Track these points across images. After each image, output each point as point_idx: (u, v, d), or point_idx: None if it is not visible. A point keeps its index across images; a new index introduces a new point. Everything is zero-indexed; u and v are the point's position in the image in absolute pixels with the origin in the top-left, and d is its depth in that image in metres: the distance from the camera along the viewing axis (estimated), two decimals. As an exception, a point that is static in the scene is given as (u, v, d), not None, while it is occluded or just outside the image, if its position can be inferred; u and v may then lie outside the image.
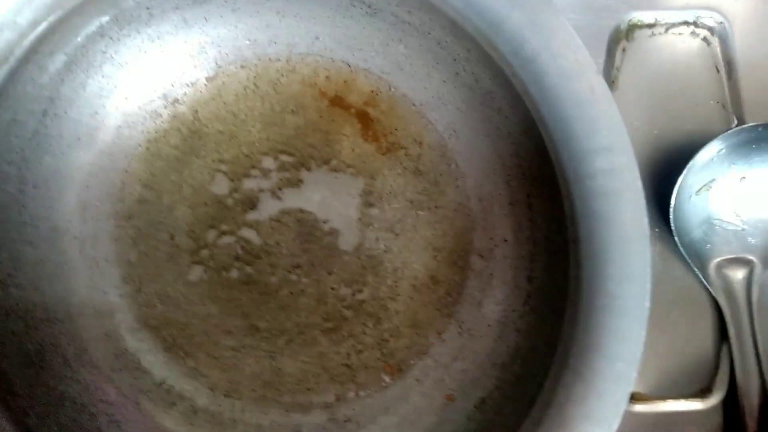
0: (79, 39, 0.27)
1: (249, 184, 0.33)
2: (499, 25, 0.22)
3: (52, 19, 0.24)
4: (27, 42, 0.24)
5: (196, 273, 0.33)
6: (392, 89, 0.31)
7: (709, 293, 0.35)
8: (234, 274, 0.33)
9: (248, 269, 0.33)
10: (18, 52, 0.25)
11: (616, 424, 0.23)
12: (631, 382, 0.23)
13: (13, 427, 0.27)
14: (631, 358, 0.22)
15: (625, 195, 0.22)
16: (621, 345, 0.23)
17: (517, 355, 0.30)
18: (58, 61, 0.28)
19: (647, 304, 0.22)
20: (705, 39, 0.34)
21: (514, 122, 0.29)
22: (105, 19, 0.27)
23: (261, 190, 0.33)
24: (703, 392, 0.36)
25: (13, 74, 0.25)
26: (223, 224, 0.33)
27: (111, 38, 0.29)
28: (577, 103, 0.22)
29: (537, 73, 0.22)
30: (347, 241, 0.33)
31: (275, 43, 0.31)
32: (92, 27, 0.27)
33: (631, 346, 0.22)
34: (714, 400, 0.36)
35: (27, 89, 0.27)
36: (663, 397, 0.36)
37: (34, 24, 0.24)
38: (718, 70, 0.35)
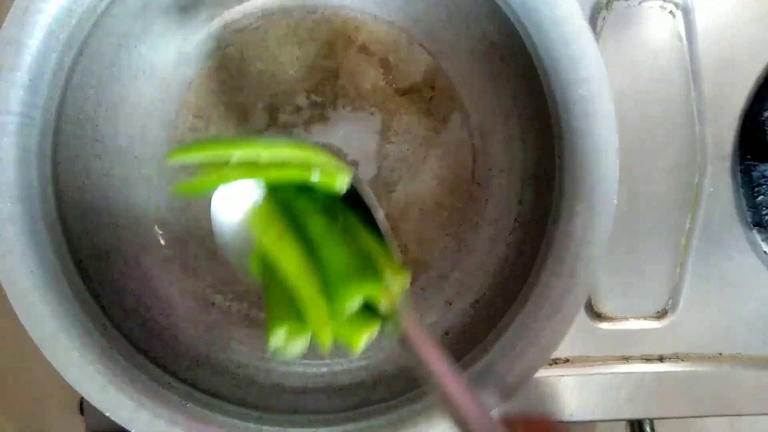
0: (155, -16, 0.33)
1: (283, 119, 0.38)
2: (509, -20, 0.28)
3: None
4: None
5: (236, 193, 0.38)
6: (412, 40, 0.37)
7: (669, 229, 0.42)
8: (269, 194, 0.39)
9: (282, 191, 0.38)
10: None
11: (586, 294, 0.29)
12: (597, 261, 0.29)
13: (92, 301, 0.32)
14: (600, 244, 0.29)
15: (600, 115, 0.28)
16: (593, 233, 0.29)
17: (505, 263, 0.36)
18: (138, 2, 0.33)
19: (614, 201, 0.29)
20: (671, 12, 0.41)
21: (514, 69, 0.35)
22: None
23: (294, 125, 0.38)
24: (659, 313, 0.43)
25: (108, 7, 0.31)
26: (261, 152, 0.38)
27: (179, -16, 0.34)
28: (566, 43, 0.28)
29: (538, 19, 0.28)
30: (366, 171, 0.39)
31: (313, -5, 0.37)
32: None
33: (601, 235, 0.29)
34: (669, 320, 0.43)
35: (111, 23, 0.32)
36: (625, 317, 0.43)
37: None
38: (681, 39, 0.41)
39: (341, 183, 0.26)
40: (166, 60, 0.36)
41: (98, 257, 0.35)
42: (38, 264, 0.29)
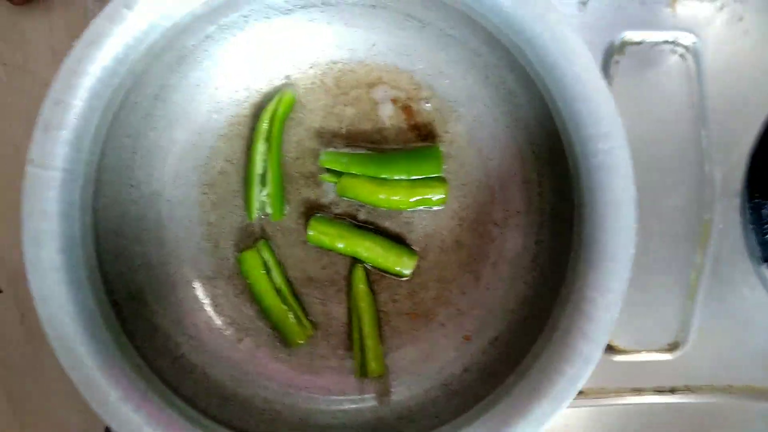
0: (191, 42, 0.34)
1: (308, 167, 0.40)
2: (531, 41, 0.30)
3: (182, 23, 0.31)
4: (165, 39, 0.31)
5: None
6: (432, 88, 0.39)
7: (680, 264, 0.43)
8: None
9: (307, 231, 0.40)
10: (156, 49, 0.32)
11: (605, 341, 0.31)
12: (617, 309, 0.30)
13: (127, 341, 0.34)
14: (619, 291, 0.30)
15: (619, 169, 0.30)
16: (612, 281, 0.30)
17: (525, 302, 0.38)
18: (173, 56, 0.34)
19: (632, 250, 0.30)
20: (682, 55, 0.42)
21: (531, 116, 0.36)
22: (213, 28, 0.34)
23: (320, 171, 0.40)
24: (671, 346, 0.44)
25: (148, 66, 0.32)
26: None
27: (214, 39, 0.36)
28: (585, 100, 0.30)
29: (557, 76, 0.30)
30: (388, 211, 0.40)
31: (340, 48, 0.38)
32: (204, 33, 0.34)
33: (619, 282, 0.30)
34: (680, 352, 0.44)
35: (149, 77, 0.34)
36: (638, 350, 0.44)
37: (182, 20, 0.31)
38: (691, 81, 0.43)
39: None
40: (199, 109, 0.38)
41: (132, 298, 0.36)
42: (79, 311, 0.31)
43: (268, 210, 0.39)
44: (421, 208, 0.39)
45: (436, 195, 0.38)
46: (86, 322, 0.31)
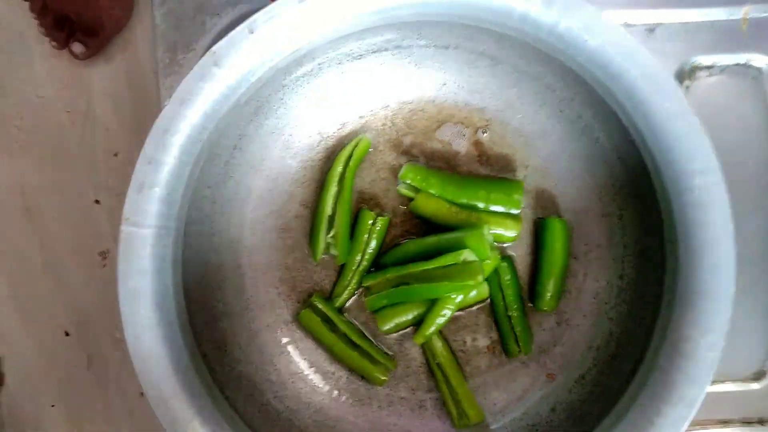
0: (267, 92, 0.35)
1: (384, 202, 0.40)
2: (618, 78, 0.30)
3: (265, 76, 0.32)
4: (249, 93, 0.32)
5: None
6: (503, 123, 0.39)
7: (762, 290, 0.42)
8: (370, 275, 0.40)
9: (382, 272, 0.40)
10: (240, 102, 0.32)
11: (709, 382, 0.30)
12: (720, 349, 0.30)
13: (219, 394, 0.34)
14: (721, 331, 0.29)
15: (716, 206, 0.29)
16: (712, 321, 0.29)
17: (611, 338, 0.37)
18: (251, 107, 0.35)
19: (733, 288, 0.29)
20: (754, 78, 0.42)
21: (609, 149, 0.36)
22: (290, 77, 0.35)
23: (391, 209, 0.40)
24: (757, 375, 0.42)
25: (231, 119, 0.33)
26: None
27: (289, 88, 0.36)
28: (678, 136, 0.29)
29: (646, 113, 0.29)
30: (462, 247, 0.40)
31: (410, 88, 0.38)
32: (281, 82, 0.35)
33: (721, 321, 0.29)
34: (767, 381, 0.42)
35: (230, 129, 0.35)
36: (722, 380, 0.42)
37: (265, 74, 0.32)
38: (765, 103, 0.42)
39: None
40: (274, 155, 0.38)
41: (217, 347, 0.36)
42: (175, 367, 0.31)
43: (333, 251, 0.39)
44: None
45: (510, 232, 0.37)
46: (183, 378, 0.31)
